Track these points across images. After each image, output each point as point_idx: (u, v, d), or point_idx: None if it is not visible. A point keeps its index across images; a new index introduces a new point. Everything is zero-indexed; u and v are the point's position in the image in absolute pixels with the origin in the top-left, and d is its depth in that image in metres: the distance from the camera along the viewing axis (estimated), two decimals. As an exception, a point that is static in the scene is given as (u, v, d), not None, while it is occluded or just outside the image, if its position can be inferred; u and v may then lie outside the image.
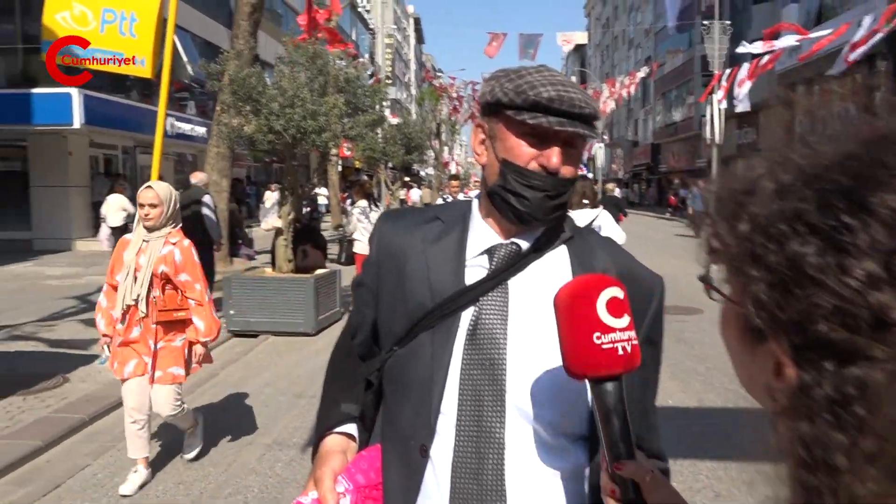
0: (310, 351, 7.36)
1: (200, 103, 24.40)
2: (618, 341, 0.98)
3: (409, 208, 1.46)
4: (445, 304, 1.21)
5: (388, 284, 1.29)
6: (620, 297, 1.01)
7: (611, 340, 0.97)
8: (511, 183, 1.19)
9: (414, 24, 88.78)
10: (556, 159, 1.16)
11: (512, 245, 1.24)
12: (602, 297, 1.00)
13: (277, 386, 6.13)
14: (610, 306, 0.99)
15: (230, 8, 25.61)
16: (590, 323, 0.98)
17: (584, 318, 0.99)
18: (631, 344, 0.99)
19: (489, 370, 1.17)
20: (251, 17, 11.88)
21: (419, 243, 1.28)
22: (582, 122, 1.16)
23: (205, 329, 4.03)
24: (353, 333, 1.40)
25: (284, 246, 8.27)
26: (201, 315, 4.03)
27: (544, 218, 1.20)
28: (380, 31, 63.47)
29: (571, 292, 1.02)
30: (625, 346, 0.98)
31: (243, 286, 8.01)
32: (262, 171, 31.56)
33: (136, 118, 18.84)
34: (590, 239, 1.31)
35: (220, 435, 4.93)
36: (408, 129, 18.09)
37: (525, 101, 1.15)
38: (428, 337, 1.22)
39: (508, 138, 1.20)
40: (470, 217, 1.30)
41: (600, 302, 0.99)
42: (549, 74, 1.19)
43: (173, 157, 23.41)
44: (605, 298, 1.00)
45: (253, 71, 7.66)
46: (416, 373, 1.22)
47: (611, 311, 0.99)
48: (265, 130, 7.41)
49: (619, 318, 0.99)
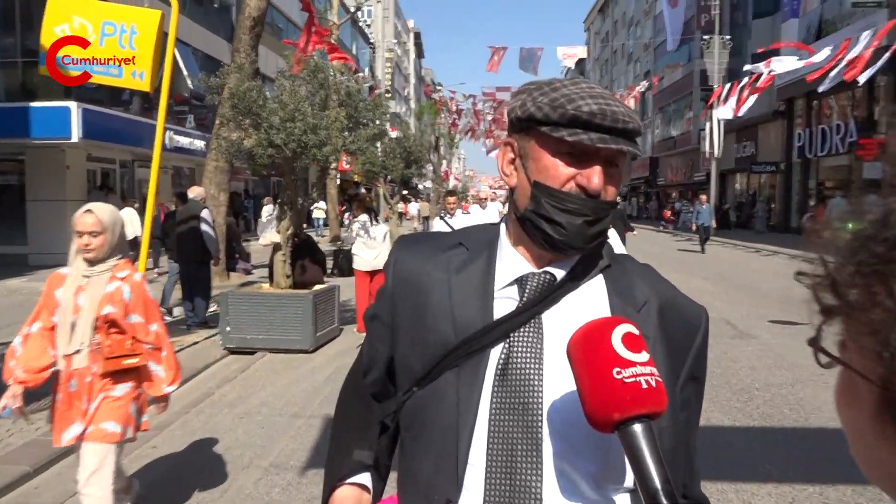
0: (307, 369, 7.24)
1: (199, 117, 24.37)
2: (640, 375, 0.88)
3: (429, 233, 1.33)
4: (472, 340, 1.08)
5: (407, 318, 1.16)
6: (636, 333, 0.92)
7: (632, 374, 0.88)
8: (545, 207, 1.06)
9: (414, 39, 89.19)
10: (598, 179, 1.04)
11: (545, 275, 1.11)
12: (617, 332, 0.91)
13: (274, 405, 6.00)
14: (626, 341, 0.91)
15: (232, 22, 25.69)
16: (607, 358, 0.89)
17: (600, 354, 0.90)
18: (655, 379, 0.89)
19: (522, 415, 1.04)
20: (252, 30, 11.86)
21: (441, 273, 1.15)
22: (625, 138, 1.05)
23: (167, 377, 3.23)
24: (366, 370, 1.27)
25: (283, 261, 8.16)
26: (161, 361, 3.22)
27: (583, 246, 1.08)
28: (380, 45, 63.71)
29: (583, 333, 0.94)
30: (648, 380, 0.88)
31: (240, 302, 7.89)
32: (260, 185, 31.51)
33: (134, 132, 18.79)
34: (627, 266, 1.18)
35: (215, 458, 4.80)
36: (407, 143, 18.06)
37: (563, 116, 1.03)
38: (452, 377, 1.09)
39: (542, 157, 1.08)
40: (497, 244, 1.17)
41: (615, 337, 0.91)
42: (587, 87, 1.08)
43: (171, 171, 23.33)
44: (620, 333, 0.91)
45: (254, 84, 7.58)
46: (440, 417, 1.09)
47: (628, 346, 0.90)
48: (265, 144, 7.32)
49: (637, 353, 0.90)
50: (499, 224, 1.21)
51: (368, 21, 62.64)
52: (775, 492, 4.13)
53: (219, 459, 4.78)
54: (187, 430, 5.40)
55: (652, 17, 52.04)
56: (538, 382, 1.05)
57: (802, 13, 28.66)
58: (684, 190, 47.02)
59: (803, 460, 4.63)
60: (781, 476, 4.35)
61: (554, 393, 1.05)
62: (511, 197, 1.15)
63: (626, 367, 0.88)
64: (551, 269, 1.12)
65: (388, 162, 16.53)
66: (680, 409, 1.09)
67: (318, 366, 7.35)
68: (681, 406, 1.10)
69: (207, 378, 7.00)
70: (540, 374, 1.06)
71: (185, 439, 5.19)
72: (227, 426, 5.49)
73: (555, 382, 1.05)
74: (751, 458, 4.65)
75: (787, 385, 6.44)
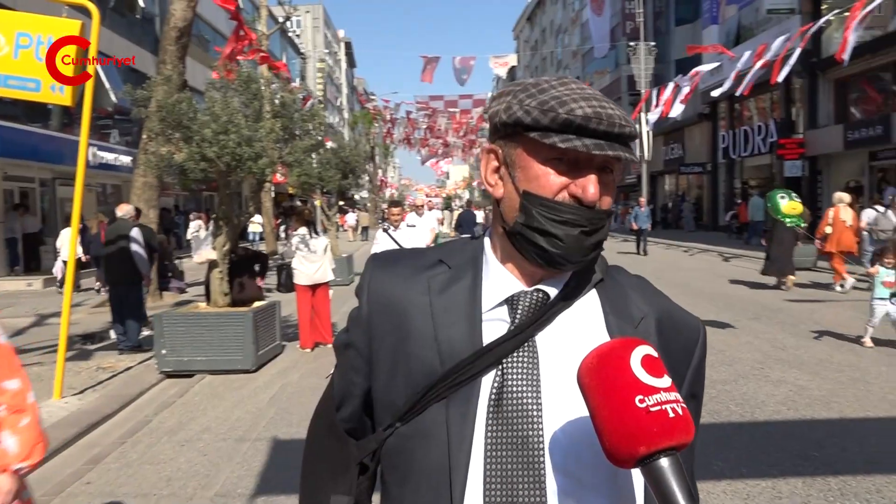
0: (250, 389, 6.98)
1: (124, 132, 23.51)
2: (665, 402, 0.79)
3: (405, 251, 1.17)
4: (460, 368, 0.97)
5: (386, 346, 1.05)
6: (655, 355, 0.84)
7: (657, 402, 0.79)
8: (537, 219, 0.97)
9: (345, 49, 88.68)
10: (594, 189, 0.96)
11: (537, 293, 1.01)
12: (636, 355, 0.82)
13: (217, 431, 5.74)
14: (647, 364, 0.82)
15: (156, 34, 24.92)
16: (628, 385, 0.80)
17: (619, 380, 0.81)
18: (681, 406, 0.80)
19: (521, 450, 0.94)
20: (178, 41, 11.48)
21: (422, 294, 1.04)
22: (620, 143, 0.97)
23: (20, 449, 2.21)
24: (339, 404, 1.14)
25: (220, 278, 7.88)
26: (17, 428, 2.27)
27: (581, 259, 0.99)
28: (311, 55, 63.05)
29: (597, 358, 0.84)
30: (675, 409, 0.79)
31: (175, 323, 7.55)
32: (191, 200, 30.63)
33: (54, 149, 17.98)
34: (620, 279, 1.10)
35: (155, 491, 4.53)
36: (343, 153, 17.82)
37: (554, 120, 0.94)
38: (440, 411, 0.98)
39: (532, 165, 0.98)
40: (483, 260, 1.07)
41: (634, 360, 0.82)
42: (577, 87, 0.99)
43: (96, 189, 22.42)
44: (640, 356, 0.82)
45: (183, 96, 7.29)
46: (429, 457, 0.98)
47: (649, 370, 0.81)
48: (197, 158, 7.04)
49: (660, 378, 0.82)
50: (482, 238, 1.11)
51: (298, 31, 61.94)
52: (729, 489, 4.17)
53: (160, 492, 4.51)
54: (124, 462, 5.10)
55: (579, 25, 53.20)
56: (537, 412, 0.95)
57: (721, 20, 29.78)
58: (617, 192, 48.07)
59: (753, 455, 4.70)
60: (734, 472, 4.39)
61: (554, 423, 0.95)
62: (496, 209, 1.06)
63: (650, 395, 0.80)
64: (543, 287, 1.02)
65: (325, 173, 16.25)
66: None
67: (261, 386, 7.10)
68: None
69: (144, 405, 6.66)
70: (538, 403, 0.96)
71: (121, 472, 4.90)
72: (167, 455, 5.21)
73: (554, 411, 0.95)
74: (703, 455, 4.69)
75: (731, 381, 6.57)
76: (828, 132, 23.21)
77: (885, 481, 4.19)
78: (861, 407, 5.67)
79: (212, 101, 7.26)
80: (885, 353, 7.48)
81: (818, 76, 23.75)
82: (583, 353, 0.94)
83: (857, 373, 6.73)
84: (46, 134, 18.40)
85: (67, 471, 5.00)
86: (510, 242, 1.02)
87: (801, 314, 10.12)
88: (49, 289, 15.75)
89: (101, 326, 10.22)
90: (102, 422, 6.08)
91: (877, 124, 20.43)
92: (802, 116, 25.06)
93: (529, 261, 1.01)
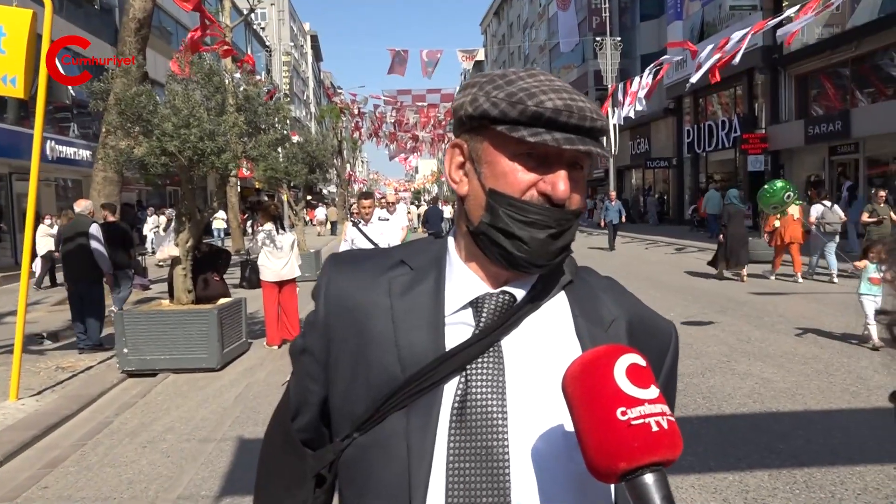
0: (215, 388, 6.84)
1: (84, 125, 22.94)
2: (649, 415, 0.75)
3: (365, 251, 1.12)
4: (422, 374, 0.92)
5: (344, 352, 0.99)
6: (642, 363, 0.79)
7: (640, 415, 0.74)
8: (503, 219, 0.92)
9: (311, 42, 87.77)
10: (564, 185, 0.91)
11: (503, 295, 0.96)
12: (620, 364, 0.78)
13: (181, 431, 5.61)
14: (632, 374, 0.77)
15: (115, 25, 24.33)
16: (610, 396, 0.76)
17: (601, 391, 0.76)
18: (667, 420, 0.75)
19: (486, 462, 0.89)
20: (138, 33, 11.19)
21: (383, 297, 0.98)
22: (591, 137, 0.92)
23: None
24: (295, 413, 1.08)
25: (183, 275, 7.70)
26: None
27: (547, 263, 0.94)
28: (276, 48, 62.29)
29: (581, 366, 0.80)
30: (659, 422, 0.74)
31: (137, 321, 7.37)
32: (154, 195, 30.05)
33: (10, 143, 17.47)
34: (590, 281, 1.05)
35: (116, 495, 4.40)
36: (310, 148, 17.62)
37: (523, 113, 0.89)
38: (401, 420, 0.92)
39: (499, 161, 0.93)
40: (446, 261, 1.02)
41: (618, 369, 0.77)
42: (547, 79, 0.94)
43: (56, 183, 21.85)
44: (625, 365, 0.78)
45: (142, 89, 7.09)
46: (388, 469, 0.92)
47: (634, 380, 0.77)
48: (157, 153, 6.86)
49: (645, 388, 0.77)
50: (446, 238, 1.06)
51: (263, 24, 61.12)
52: (698, 483, 4.19)
53: (120, 496, 4.38)
54: (83, 465, 4.95)
55: (546, 19, 53.38)
56: (502, 421, 0.90)
57: (685, 16, 30.14)
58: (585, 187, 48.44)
59: (720, 448, 4.74)
60: (702, 466, 4.42)
61: (520, 433, 0.90)
62: (461, 207, 1.00)
63: (633, 407, 0.75)
64: (509, 289, 0.97)
65: (291, 167, 16.06)
66: None
67: (226, 384, 6.97)
68: None
69: (104, 405, 6.48)
70: (504, 412, 0.90)
71: (80, 475, 4.75)
72: (128, 458, 5.07)
73: (521, 420, 0.90)
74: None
75: (698, 374, 6.62)
76: (789, 127, 23.64)
77: (848, 473, 4.25)
78: (825, 399, 5.77)
79: (173, 95, 7.08)
80: (847, 346, 7.62)
81: (780, 72, 24.18)
82: (550, 358, 0.89)
83: (821, 365, 6.84)
84: (2, 127, 17.86)
85: (24, 475, 4.84)
86: (475, 243, 0.97)
87: (766, 307, 10.28)
88: (4, 287, 15.31)
89: (61, 325, 9.96)
90: (61, 423, 5.90)
91: (836, 120, 20.86)
92: (765, 112, 25.49)
93: (494, 262, 0.96)
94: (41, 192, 20.76)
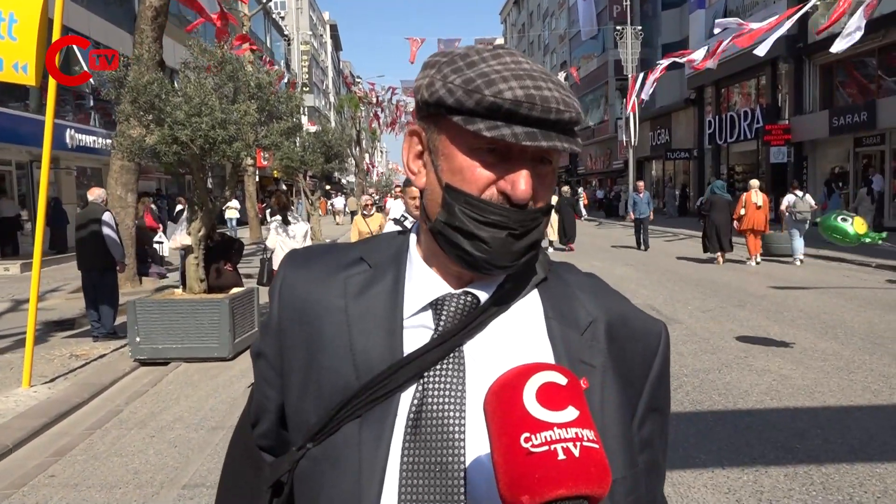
0: (226, 377, 6.83)
1: (105, 113, 23.08)
2: (556, 441, 0.64)
3: (325, 246, 1.05)
4: (376, 382, 0.84)
5: (297, 357, 0.92)
6: (562, 382, 0.69)
7: (545, 441, 0.64)
8: (460, 219, 0.83)
9: (330, 31, 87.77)
10: (525, 185, 0.81)
11: (465, 296, 0.88)
12: (533, 383, 0.68)
13: (189, 421, 5.59)
14: (543, 394, 0.67)
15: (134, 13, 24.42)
16: (515, 420, 0.66)
17: (508, 415, 0.67)
18: (580, 445, 0.65)
19: (440, 478, 0.81)
20: (155, 21, 11.19)
21: (338, 297, 0.91)
22: (559, 131, 0.81)
23: None
24: (254, 421, 1.02)
25: (195, 265, 7.69)
26: None
27: (510, 265, 0.85)
28: (295, 37, 62.34)
29: (495, 388, 0.70)
30: (568, 448, 0.64)
31: (150, 310, 7.37)
32: (174, 184, 30.20)
33: (32, 131, 17.57)
34: (569, 279, 0.95)
35: (122, 484, 4.38)
36: (327, 137, 17.60)
37: (479, 103, 0.79)
38: (353, 431, 0.85)
39: (455, 156, 0.84)
40: (406, 258, 0.93)
41: (529, 389, 0.68)
42: (512, 61, 0.83)
43: (76, 172, 22.02)
44: (537, 384, 0.68)
45: (155, 77, 7.05)
46: (338, 486, 0.85)
47: (544, 402, 0.67)
48: (169, 141, 6.83)
49: (558, 411, 0.67)
50: (408, 233, 0.97)
51: (282, 13, 61.16)
52: (711, 482, 4.08)
53: (126, 485, 4.37)
54: (91, 454, 4.95)
55: (566, 8, 52.88)
56: (459, 434, 0.82)
57: (708, 4, 29.66)
58: (603, 178, 48.10)
59: (735, 446, 4.62)
60: (715, 464, 4.31)
61: (479, 447, 0.81)
62: (420, 201, 0.91)
63: (539, 432, 0.65)
64: (472, 290, 0.88)
65: (308, 157, 16.04)
66: (639, 452, 0.88)
67: (237, 374, 6.95)
68: (640, 447, 0.89)
69: (116, 394, 6.50)
70: (461, 424, 0.82)
71: (87, 464, 4.75)
72: (136, 447, 5.06)
73: (480, 433, 0.80)
74: (684, 447, 4.61)
75: (714, 370, 6.49)
76: (813, 118, 23.21)
77: (868, 474, 4.12)
78: (845, 397, 5.61)
79: (185, 83, 7.04)
80: (869, 342, 7.44)
81: (804, 61, 23.72)
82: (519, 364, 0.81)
83: (841, 361, 6.68)
84: (24, 116, 18.00)
85: (32, 462, 4.85)
86: (433, 241, 0.88)
87: (786, 301, 10.08)
88: (26, 273, 15.46)
89: (77, 312, 10.02)
90: (72, 411, 5.91)
91: (862, 110, 20.43)
92: (788, 102, 25.04)
93: (454, 263, 0.87)
94: (62, 180, 20.95)
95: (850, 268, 13.74)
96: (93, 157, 21.81)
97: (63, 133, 18.96)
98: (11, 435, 5.18)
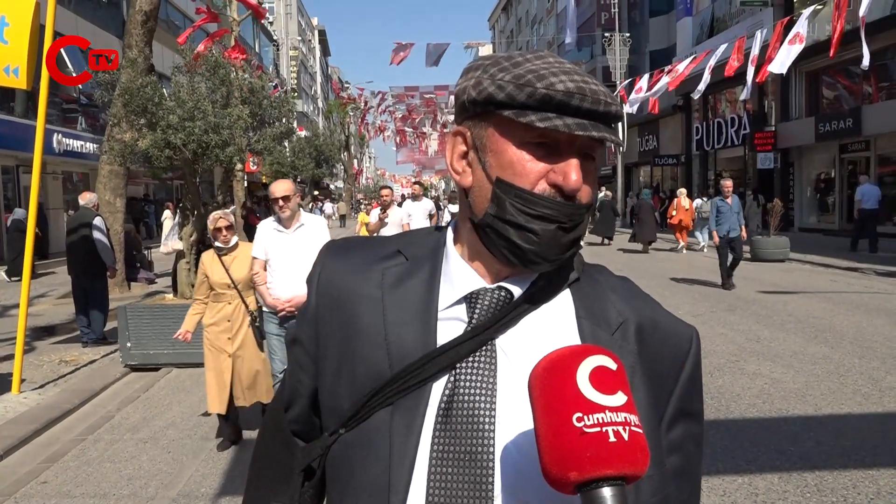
0: (219, 383, 6.78)
1: (91, 118, 22.95)
2: (608, 424, 0.68)
3: (363, 238, 1.07)
4: (409, 371, 0.86)
5: (332, 344, 0.94)
6: (612, 366, 0.72)
7: (597, 422, 0.68)
8: (511, 212, 0.85)
9: (319, 37, 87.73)
10: (576, 175, 0.83)
11: (499, 291, 0.90)
12: (586, 365, 0.71)
13: (183, 427, 5.56)
14: (596, 377, 0.70)
15: (123, 18, 24.30)
16: (568, 399, 0.69)
17: (560, 393, 0.70)
18: (630, 429, 0.68)
19: (469, 467, 0.82)
20: (144, 25, 11.14)
21: (374, 288, 0.93)
22: (604, 123, 0.84)
23: None
24: (287, 404, 1.04)
25: (187, 269, 7.65)
26: None
27: (557, 258, 0.87)
28: (284, 43, 62.27)
29: (545, 365, 0.73)
30: (619, 432, 0.68)
31: (140, 315, 7.32)
32: (162, 189, 30.04)
33: (17, 135, 17.48)
34: (601, 280, 0.97)
35: (115, 491, 4.35)
36: (317, 142, 17.59)
37: (531, 96, 0.81)
38: (385, 419, 0.87)
39: (505, 150, 0.86)
40: (443, 253, 0.95)
41: (582, 371, 0.70)
42: (556, 61, 0.86)
43: (62, 176, 21.86)
44: (589, 367, 0.71)
45: (148, 80, 7.03)
46: (368, 471, 0.87)
47: (596, 385, 0.70)
48: (161, 145, 6.80)
49: (610, 394, 0.70)
50: (445, 229, 0.99)
51: (271, 19, 61.07)
52: (706, 485, 4.10)
53: (119, 492, 4.33)
54: (83, 461, 4.90)
55: (554, 15, 53.15)
56: (489, 425, 0.83)
57: (695, 12, 29.89)
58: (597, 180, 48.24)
59: (728, 449, 4.65)
60: (710, 468, 4.33)
61: (508, 438, 0.83)
62: (464, 199, 0.93)
63: (591, 413, 0.68)
64: (507, 285, 0.90)
65: (298, 162, 16.03)
66: (667, 454, 0.89)
67: (229, 379, 6.91)
68: (668, 450, 0.90)
69: (107, 400, 6.45)
70: (492, 415, 0.84)
71: (80, 471, 4.70)
72: (129, 453, 5.02)
73: (510, 424, 0.84)
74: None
75: (706, 374, 6.52)
76: (799, 124, 23.43)
77: (860, 476, 4.16)
78: (836, 400, 5.66)
79: (178, 87, 7.02)
80: (858, 346, 7.51)
81: (790, 68, 23.94)
82: None
83: (832, 365, 6.74)
84: (9, 120, 17.88)
85: (23, 469, 4.80)
86: (478, 236, 0.90)
87: (775, 306, 10.16)
88: (14, 279, 15.30)
89: (65, 318, 9.93)
90: (63, 417, 5.86)
91: (847, 117, 20.65)
92: (775, 109, 25.27)
93: (499, 258, 0.89)
94: (48, 185, 20.79)
95: (835, 273, 13.88)
96: (80, 161, 21.68)
97: (50, 137, 18.83)
98: (2, 442, 5.13)
